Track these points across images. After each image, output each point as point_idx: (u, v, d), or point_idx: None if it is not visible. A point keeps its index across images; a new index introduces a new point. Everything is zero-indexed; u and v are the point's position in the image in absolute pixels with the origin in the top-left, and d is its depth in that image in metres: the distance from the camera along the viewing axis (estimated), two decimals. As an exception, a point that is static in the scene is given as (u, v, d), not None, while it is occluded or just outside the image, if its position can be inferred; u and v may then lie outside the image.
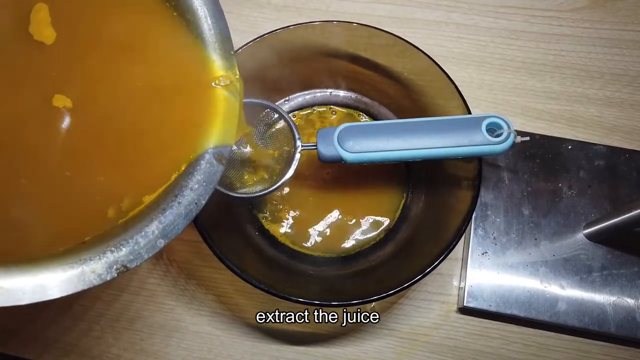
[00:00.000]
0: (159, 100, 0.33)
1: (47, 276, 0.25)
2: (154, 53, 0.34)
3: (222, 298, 0.47)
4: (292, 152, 0.40)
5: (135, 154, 0.32)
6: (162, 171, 0.31)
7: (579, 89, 0.55)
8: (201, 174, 0.30)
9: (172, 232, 0.28)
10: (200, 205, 0.30)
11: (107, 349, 0.45)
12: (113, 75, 0.32)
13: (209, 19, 0.34)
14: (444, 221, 0.43)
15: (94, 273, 0.26)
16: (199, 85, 0.33)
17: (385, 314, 0.46)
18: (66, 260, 0.26)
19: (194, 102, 0.33)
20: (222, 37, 0.34)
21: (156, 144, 0.32)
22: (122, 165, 0.31)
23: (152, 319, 0.46)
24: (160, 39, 0.34)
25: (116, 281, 0.47)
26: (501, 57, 0.57)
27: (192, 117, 0.32)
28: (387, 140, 0.39)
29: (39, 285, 0.25)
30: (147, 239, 0.28)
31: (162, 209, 0.29)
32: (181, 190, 0.30)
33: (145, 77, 0.32)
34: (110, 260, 0.26)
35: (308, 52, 0.49)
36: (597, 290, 0.44)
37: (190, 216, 0.29)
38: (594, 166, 0.49)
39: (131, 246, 0.27)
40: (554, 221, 0.47)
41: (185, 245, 0.48)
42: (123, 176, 0.31)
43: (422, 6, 0.60)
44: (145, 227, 0.28)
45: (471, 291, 0.45)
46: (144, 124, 0.32)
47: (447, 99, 0.45)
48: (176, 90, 0.33)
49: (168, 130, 0.32)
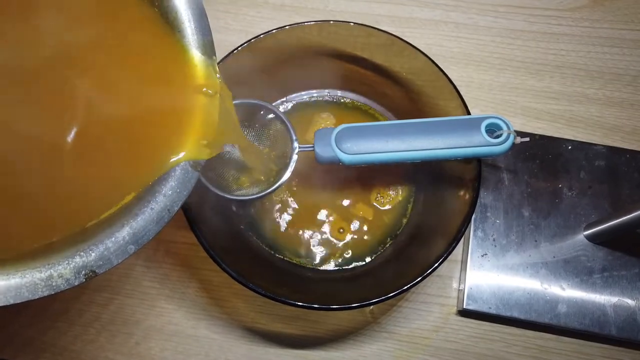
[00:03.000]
0: (139, 104, 0.31)
1: (16, 281, 0.24)
2: (136, 57, 0.32)
3: (219, 301, 0.46)
4: (289, 154, 0.39)
5: (109, 157, 0.31)
6: (135, 176, 0.30)
7: (579, 88, 0.54)
8: (175, 180, 0.29)
9: (143, 238, 0.28)
10: (173, 212, 0.29)
11: (101, 353, 0.44)
12: (96, 78, 0.31)
13: (192, 22, 0.32)
14: (443, 223, 0.43)
15: (61, 278, 0.25)
16: (180, 92, 0.32)
17: (384, 316, 0.46)
18: (34, 263, 0.25)
19: (173, 108, 0.31)
20: (204, 43, 0.33)
21: (131, 149, 0.31)
22: (96, 167, 0.30)
23: (148, 322, 0.45)
24: (143, 43, 0.33)
25: (111, 284, 0.47)
26: (500, 56, 0.56)
27: (169, 123, 0.31)
28: (386, 142, 0.38)
29: (8, 288, 0.24)
30: (117, 244, 0.27)
31: (134, 214, 0.28)
32: (154, 196, 0.29)
33: (128, 82, 0.31)
34: (79, 264, 0.26)
35: (305, 52, 0.48)
36: (597, 292, 0.44)
37: (162, 222, 0.28)
38: (594, 167, 0.48)
39: (100, 251, 0.26)
40: (554, 222, 0.46)
41: (182, 247, 0.48)
42: (96, 179, 0.30)
43: (421, 5, 0.59)
44: (116, 232, 0.27)
45: (471, 293, 0.44)
46: (120, 126, 0.31)
47: (446, 99, 0.44)
48: (157, 96, 0.32)
49: (143, 136, 0.31)
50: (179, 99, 0.31)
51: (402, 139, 0.38)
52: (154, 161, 0.30)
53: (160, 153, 0.30)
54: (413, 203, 0.47)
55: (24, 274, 0.25)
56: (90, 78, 0.30)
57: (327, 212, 0.47)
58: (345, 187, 0.48)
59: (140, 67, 0.32)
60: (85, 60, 0.30)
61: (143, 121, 0.31)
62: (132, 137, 0.31)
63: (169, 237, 0.48)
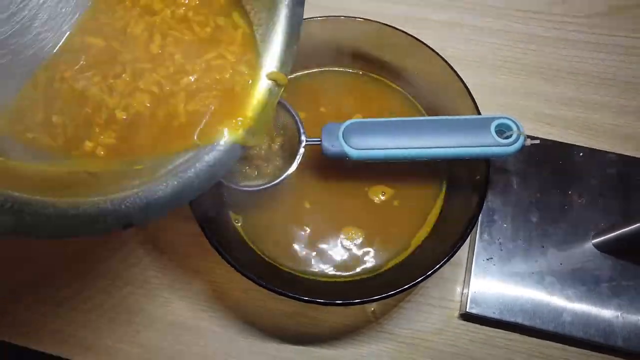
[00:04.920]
0: (212, 77, 0.35)
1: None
2: (223, 41, 0.35)
3: (220, 294, 0.46)
4: (296, 147, 0.39)
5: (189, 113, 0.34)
6: (201, 134, 0.33)
7: (593, 95, 0.53)
8: (222, 153, 0.33)
9: (182, 199, 0.31)
10: (212, 182, 0.32)
11: (102, 340, 0.44)
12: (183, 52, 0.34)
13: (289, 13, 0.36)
14: (448, 224, 0.42)
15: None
16: (251, 74, 0.35)
17: (386, 317, 0.45)
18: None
19: (243, 90, 0.35)
20: (291, 34, 0.36)
21: (201, 113, 0.34)
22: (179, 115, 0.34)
23: (150, 311, 0.45)
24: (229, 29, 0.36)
25: (116, 273, 0.47)
26: (515, 61, 0.56)
27: (236, 102, 0.35)
28: (394, 138, 0.38)
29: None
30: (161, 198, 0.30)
31: (179, 175, 0.31)
32: (200, 161, 0.32)
33: (207, 58, 0.35)
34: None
35: (316, 49, 0.48)
36: (604, 302, 0.43)
37: (200, 189, 0.32)
38: (605, 174, 0.48)
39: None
40: (562, 229, 0.46)
41: (186, 239, 0.48)
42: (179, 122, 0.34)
43: (436, 7, 0.59)
44: (161, 186, 0.30)
45: (474, 297, 0.44)
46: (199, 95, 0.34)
47: (457, 100, 0.44)
48: (231, 75, 0.35)
49: (215, 105, 0.34)
50: (249, 83, 0.35)
51: (410, 136, 0.38)
52: (213, 129, 0.33)
53: (221, 124, 0.33)
54: (429, 209, 0.46)
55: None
56: (181, 52, 0.34)
57: (338, 215, 0.46)
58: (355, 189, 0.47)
59: (223, 51, 0.35)
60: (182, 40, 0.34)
61: (215, 92, 0.34)
62: (204, 104, 0.34)
63: (174, 228, 0.48)
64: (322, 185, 0.46)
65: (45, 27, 0.30)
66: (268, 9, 0.35)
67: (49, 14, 0.30)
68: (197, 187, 0.31)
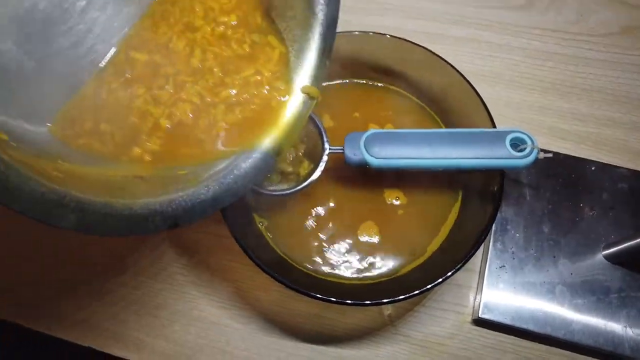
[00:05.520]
0: (250, 91, 0.37)
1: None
2: (260, 58, 0.38)
3: (242, 292, 0.48)
4: (319, 154, 0.41)
5: (229, 123, 0.36)
6: (238, 142, 0.36)
7: (606, 112, 0.55)
8: (256, 162, 0.35)
9: (219, 204, 0.33)
10: (245, 189, 0.35)
11: (129, 332, 0.47)
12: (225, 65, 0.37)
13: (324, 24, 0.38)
14: (462, 232, 0.44)
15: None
16: (287, 89, 0.37)
17: (401, 320, 0.47)
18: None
19: (277, 102, 0.37)
20: (324, 51, 0.38)
21: (238, 123, 0.37)
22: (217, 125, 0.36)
23: (175, 307, 0.48)
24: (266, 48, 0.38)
25: (143, 269, 0.49)
26: (530, 76, 0.58)
27: (270, 113, 0.37)
28: (413, 149, 0.40)
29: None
30: (202, 203, 0.32)
31: (219, 181, 0.34)
32: (236, 169, 0.35)
33: (245, 75, 0.37)
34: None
35: (337, 63, 0.50)
36: (613, 312, 0.44)
37: (235, 196, 0.34)
38: (617, 189, 0.49)
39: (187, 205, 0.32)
40: (573, 240, 0.47)
41: (211, 238, 0.50)
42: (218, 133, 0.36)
43: (454, 23, 0.61)
44: (202, 192, 0.32)
45: (487, 303, 0.45)
46: (239, 107, 0.37)
47: (473, 114, 0.46)
48: (264, 86, 0.37)
49: (250, 116, 0.37)
50: (285, 98, 0.38)
51: (429, 146, 0.40)
52: (250, 138, 0.36)
53: (257, 134, 0.36)
54: (445, 217, 0.48)
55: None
56: (220, 67, 0.37)
57: (357, 220, 0.47)
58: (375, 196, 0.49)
59: (260, 63, 0.38)
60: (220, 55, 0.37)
61: (253, 106, 0.37)
62: (242, 115, 0.37)
63: (200, 227, 0.51)
64: (342, 191, 0.48)
65: (98, 40, 0.32)
66: (303, 27, 0.37)
67: (101, 28, 0.32)
68: (235, 191, 0.34)
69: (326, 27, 0.37)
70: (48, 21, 0.30)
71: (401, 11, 0.63)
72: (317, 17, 0.37)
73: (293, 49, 0.38)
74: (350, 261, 0.46)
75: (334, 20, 0.38)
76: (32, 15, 0.30)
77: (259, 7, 0.38)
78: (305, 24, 0.37)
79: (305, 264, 0.46)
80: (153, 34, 0.35)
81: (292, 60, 0.38)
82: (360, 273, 0.45)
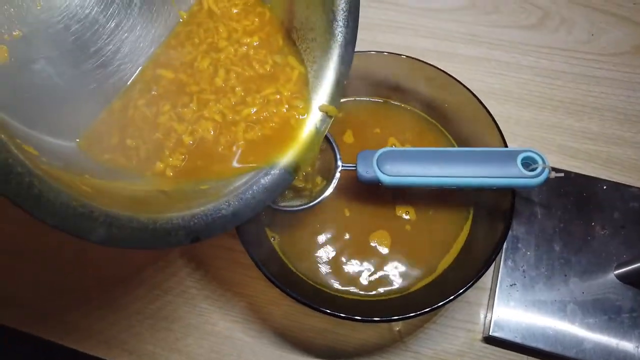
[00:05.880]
0: (270, 110, 0.38)
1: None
2: (280, 78, 0.39)
3: (254, 306, 0.49)
4: (332, 171, 0.42)
5: (248, 141, 0.38)
6: (256, 160, 0.37)
7: (617, 131, 0.55)
8: (274, 178, 0.36)
9: (238, 219, 0.34)
10: (265, 205, 0.36)
11: (143, 345, 0.47)
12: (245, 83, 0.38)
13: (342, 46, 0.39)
14: (474, 249, 0.45)
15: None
16: (305, 107, 0.39)
17: (411, 337, 0.47)
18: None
19: (294, 119, 0.38)
20: (342, 71, 0.39)
21: (257, 141, 0.38)
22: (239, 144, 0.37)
23: (188, 320, 0.48)
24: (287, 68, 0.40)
25: (158, 282, 0.50)
26: (540, 95, 0.58)
27: (287, 131, 0.38)
28: (425, 167, 0.41)
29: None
30: (222, 218, 0.33)
31: (238, 197, 0.35)
32: (255, 184, 0.35)
33: (266, 93, 0.39)
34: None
35: (355, 79, 0.51)
36: (625, 332, 0.44)
37: (255, 210, 0.35)
38: (628, 208, 0.49)
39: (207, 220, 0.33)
40: (584, 259, 0.47)
41: (225, 252, 0.51)
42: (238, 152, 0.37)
43: (465, 42, 0.62)
44: (223, 208, 0.33)
45: (498, 321, 0.45)
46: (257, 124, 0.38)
47: (485, 132, 0.46)
48: (284, 105, 0.38)
49: (270, 134, 0.38)
50: (304, 116, 0.39)
51: (440, 165, 0.41)
52: (269, 155, 0.37)
53: (276, 151, 0.37)
54: (457, 234, 0.48)
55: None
56: (243, 86, 0.38)
57: (369, 236, 0.48)
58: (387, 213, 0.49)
59: (281, 83, 0.39)
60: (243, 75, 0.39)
61: (272, 124, 0.38)
62: (262, 133, 0.38)
63: (214, 242, 0.51)
64: (354, 207, 0.49)
65: (126, 59, 0.34)
66: (322, 49, 0.38)
67: (129, 48, 0.34)
68: (254, 207, 0.35)
69: (344, 49, 0.39)
70: (79, 42, 0.32)
71: (413, 30, 0.64)
72: (336, 39, 0.38)
73: (312, 69, 0.39)
74: (361, 277, 0.46)
75: (353, 42, 0.39)
76: (64, 37, 0.31)
77: (280, 29, 0.39)
78: (325, 46, 0.38)
79: (316, 279, 0.46)
80: (178, 53, 0.36)
81: (311, 80, 0.39)
82: (370, 289, 0.46)
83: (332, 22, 0.37)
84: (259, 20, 0.39)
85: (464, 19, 0.64)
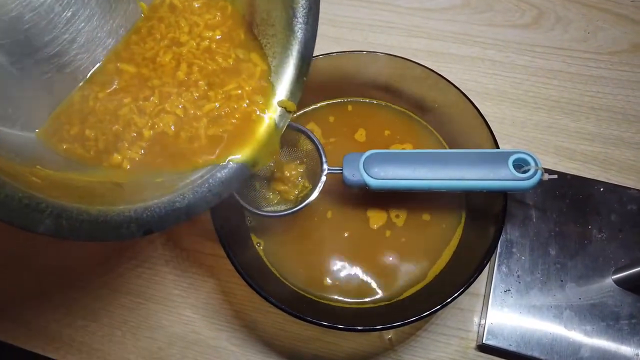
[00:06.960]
0: (232, 106, 0.38)
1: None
2: (243, 73, 0.39)
3: (240, 314, 0.47)
4: (317, 174, 0.41)
5: (207, 135, 0.37)
6: (214, 154, 0.37)
7: (614, 131, 0.54)
8: (232, 172, 0.36)
9: (194, 211, 0.33)
10: (221, 198, 0.35)
11: (126, 355, 0.46)
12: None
13: (302, 43, 0.39)
14: (466, 254, 0.43)
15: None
16: (265, 102, 0.38)
17: (402, 345, 0.46)
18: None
19: (255, 115, 0.38)
20: (302, 68, 0.39)
21: (215, 136, 0.37)
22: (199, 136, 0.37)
23: (172, 329, 0.47)
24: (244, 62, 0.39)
25: (140, 289, 0.49)
26: (536, 95, 0.57)
27: (247, 125, 0.38)
28: (413, 169, 0.40)
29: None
30: (174, 210, 0.33)
31: (194, 190, 0.34)
32: (212, 178, 0.35)
33: (228, 89, 0.38)
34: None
35: (341, 81, 0.50)
36: (623, 339, 0.43)
37: (210, 204, 0.35)
38: (626, 210, 0.48)
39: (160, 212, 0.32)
40: (581, 264, 0.46)
41: (209, 259, 0.50)
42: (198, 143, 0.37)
43: (458, 41, 0.61)
44: (178, 200, 0.33)
45: (491, 329, 0.44)
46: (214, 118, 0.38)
47: (476, 133, 0.45)
48: (245, 100, 0.38)
49: (227, 128, 0.37)
50: (264, 111, 0.38)
51: (429, 167, 0.39)
52: (228, 150, 0.36)
53: (236, 146, 0.37)
54: (448, 239, 0.46)
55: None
56: (205, 80, 0.38)
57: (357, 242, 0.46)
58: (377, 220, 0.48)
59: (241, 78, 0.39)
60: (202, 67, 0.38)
61: (234, 120, 0.38)
62: (218, 127, 0.38)
63: (198, 248, 0.50)
64: (341, 212, 0.47)
65: (82, 49, 0.34)
66: (282, 45, 0.38)
67: (86, 37, 0.34)
68: (210, 200, 0.35)
69: (304, 46, 0.38)
70: (33, 30, 0.31)
71: (406, 30, 0.63)
72: (295, 35, 0.38)
73: (273, 64, 0.39)
74: (348, 284, 0.45)
75: (312, 39, 0.39)
76: (17, 25, 0.31)
77: (242, 23, 0.39)
78: (285, 42, 0.38)
79: (302, 286, 0.45)
80: (141, 49, 0.36)
81: (272, 75, 0.39)
82: (359, 296, 0.44)
83: (292, 18, 0.37)
84: (221, 14, 0.39)
85: (457, 18, 0.63)
